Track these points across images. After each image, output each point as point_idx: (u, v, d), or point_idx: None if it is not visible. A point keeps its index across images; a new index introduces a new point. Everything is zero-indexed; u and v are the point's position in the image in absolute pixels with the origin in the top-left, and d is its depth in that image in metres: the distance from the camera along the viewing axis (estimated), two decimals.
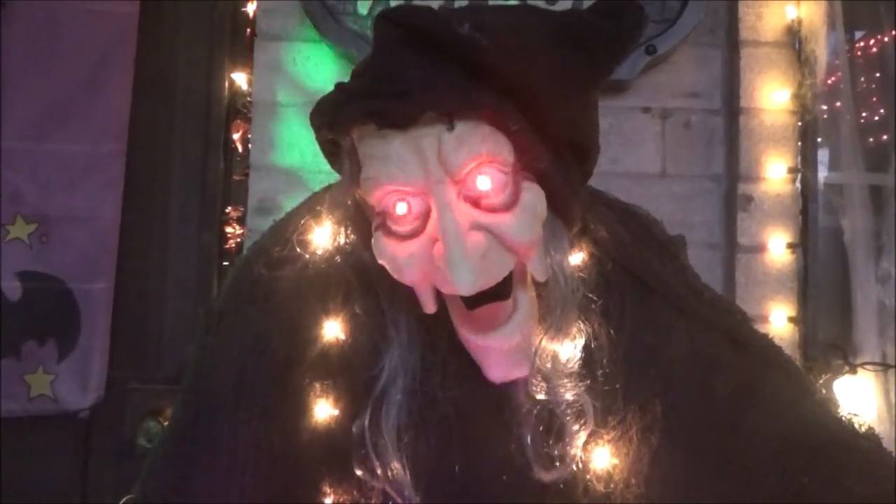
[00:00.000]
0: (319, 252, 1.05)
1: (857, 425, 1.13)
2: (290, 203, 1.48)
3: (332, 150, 0.97)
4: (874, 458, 1.05)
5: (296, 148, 1.97)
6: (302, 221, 1.09)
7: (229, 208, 2.08)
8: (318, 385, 1.01)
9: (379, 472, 0.97)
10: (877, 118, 2.00)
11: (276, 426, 1.01)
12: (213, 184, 2.10)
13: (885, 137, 2.04)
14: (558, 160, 0.93)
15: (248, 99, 2.07)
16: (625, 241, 1.09)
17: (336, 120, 0.90)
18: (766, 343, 1.14)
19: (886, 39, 2.01)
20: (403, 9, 0.87)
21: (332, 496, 1.00)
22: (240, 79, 2.05)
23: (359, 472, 0.97)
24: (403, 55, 0.86)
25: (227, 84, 2.11)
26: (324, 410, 1.00)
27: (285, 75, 2.01)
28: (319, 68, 1.99)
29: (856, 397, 1.84)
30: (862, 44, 2.05)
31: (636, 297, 1.06)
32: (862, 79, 2.08)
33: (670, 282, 1.10)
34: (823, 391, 1.32)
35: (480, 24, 0.84)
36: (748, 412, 1.03)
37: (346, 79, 0.98)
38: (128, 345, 2.07)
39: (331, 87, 1.10)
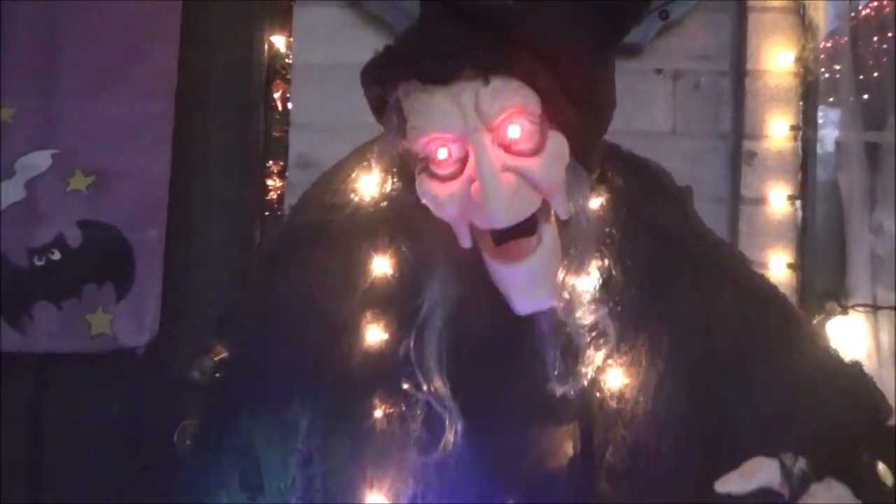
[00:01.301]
0: (367, 198, 1.12)
1: (843, 358, 1.21)
2: (328, 158, 1.56)
3: (379, 105, 1.04)
4: (858, 384, 1.14)
5: (332, 107, 1.99)
6: (350, 171, 1.16)
7: (270, 163, 2.10)
8: (369, 313, 1.08)
9: (424, 386, 1.04)
10: (875, 76, 2.04)
11: (332, 349, 1.09)
12: (254, 140, 2.13)
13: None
14: (580, 113, 0.99)
15: (287, 61, 2.07)
16: (638, 190, 1.14)
17: (386, 77, 0.98)
18: (764, 285, 1.21)
19: (886, 3, 2.04)
20: None
21: (381, 408, 1.06)
22: (279, 42, 2.07)
23: (405, 387, 1.04)
24: (446, 23, 0.94)
25: (266, 47, 2.11)
26: (375, 335, 1.07)
27: (322, 39, 2.04)
28: (354, 32, 2.01)
29: (847, 337, 1.89)
30: (866, 11, 2.08)
31: (647, 240, 1.11)
32: (869, 40, 2.08)
33: (678, 228, 1.16)
34: (816, 329, 1.41)
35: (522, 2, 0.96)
36: (747, 347, 1.10)
37: (390, 43, 1.05)
38: (178, 288, 2.11)
39: (364, 51, 1.19)
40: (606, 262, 1.07)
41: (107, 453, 2.14)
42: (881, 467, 0.99)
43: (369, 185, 1.12)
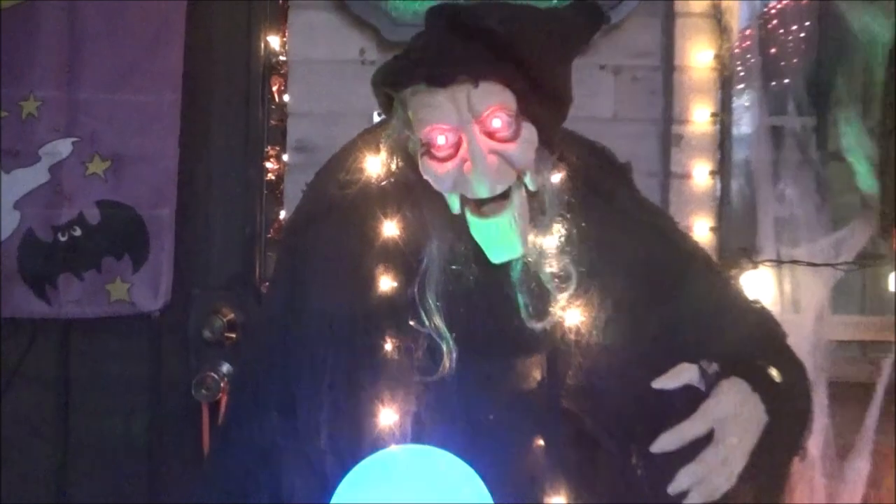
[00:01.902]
0: (375, 176, 1.21)
1: (749, 297, 1.35)
2: (322, 142, 1.68)
3: (385, 102, 1.15)
4: (759, 315, 1.29)
5: (325, 98, 2.07)
6: (359, 153, 1.23)
7: (268, 148, 2.16)
8: (381, 266, 1.18)
9: (426, 323, 1.14)
10: (783, 64, 2.16)
11: (354, 296, 1.18)
12: (254, 128, 2.18)
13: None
14: (546, 108, 1.12)
15: (282, 58, 2.14)
16: (590, 166, 1.24)
17: (398, 81, 1.10)
18: (690, 241, 1.34)
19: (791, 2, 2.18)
20: (448, 6, 1.09)
21: (391, 342, 1.16)
22: (274, 41, 2.14)
23: (411, 323, 1.14)
24: (446, 38, 1.07)
25: (263, 45, 2.17)
26: (386, 283, 1.17)
27: (315, 38, 2.09)
28: (341, 32, 2.06)
29: (757, 286, 2.01)
30: (775, 7, 2.20)
31: (598, 206, 1.21)
32: (776, 33, 2.19)
33: (622, 196, 1.27)
34: (730, 276, 1.57)
35: (500, 18, 1.05)
36: (678, 290, 1.21)
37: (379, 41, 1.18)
38: (188, 258, 2.17)
39: (355, 52, 1.29)
40: (566, 223, 1.17)
41: (129, 407, 2.21)
42: (772, 370, 1.12)
43: (376, 164, 1.21)
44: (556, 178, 1.19)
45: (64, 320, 2.13)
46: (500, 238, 1.12)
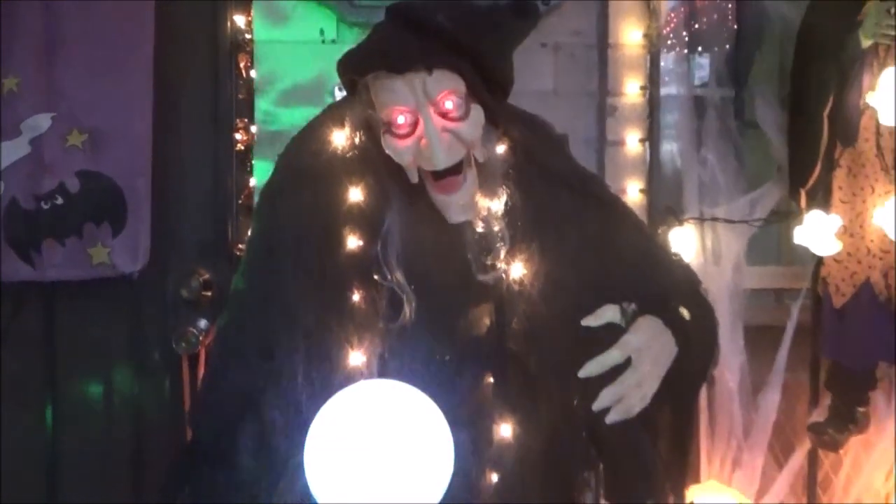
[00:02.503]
0: (340, 148, 1.22)
1: (670, 249, 1.47)
2: (287, 116, 1.71)
3: (350, 84, 1.20)
4: (677, 265, 1.36)
5: (288, 75, 2.11)
6: (326, 128, 1.24)
7: (237, 120, 2.18)
8: (347, 227, 1.20)
9: (388, 276, 1.18)
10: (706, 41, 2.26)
11: (324, 253, 1.21)
12: (223, 101, 2.19)
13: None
14: (490, 91, 1.17)
15: (248, 36, 2.15)
16: (530, 139, 1.27)
17: (361, 67, 1.14)
18: (620, 202, 1.37)
19: None
20: (404, 4, 1.15)
21: (358, 293, 1.20)
22: (240, 20, 2.16)
23: (376, 278, 1.17)
24: (404, 32, 1.12)
25: (229, 25, 2.18)
26: (353, 242, 1.20)
27: (278, 18, 2.12)
28: (304, 13, 2.10)
29: (683, 241, 2.11)
30: None
31: (536, 174, 1.25)
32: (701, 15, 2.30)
33: (558, 164, 1.30)
34: (657, 235, 1.68)
35: (449, 16, 1.12)
36: (608, 246, 1.26)
37: (357, 40, 1.17)
38: (164, 224, 2.19)
39: (315, 32, 1.32)
40: (509, 189, 1.20)
41: (112, 362, 2.25)
42: (683, 310, 1.19)
43: (341, 138, 1.23)
44: (501, 149, 1.23)
45: (49, 283, 2.15)
46: (457, 208, 1.18)
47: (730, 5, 2.22)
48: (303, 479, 1.12)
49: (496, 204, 1.22)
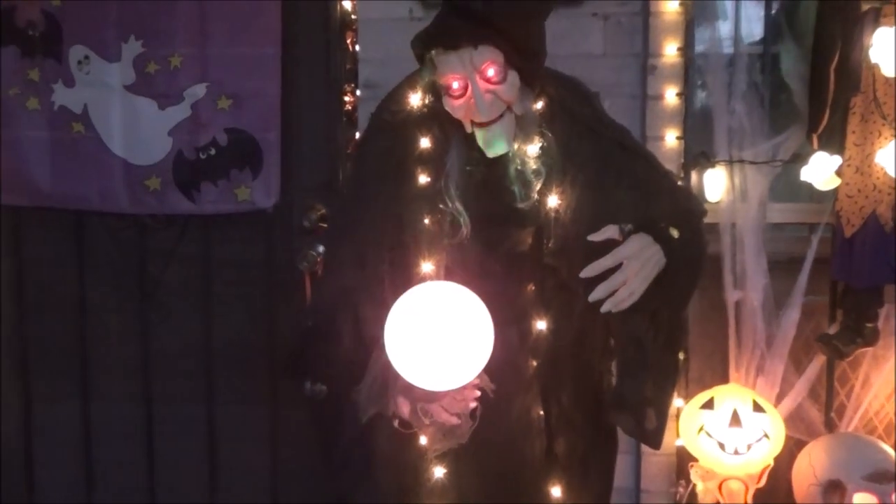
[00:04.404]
0: (415, 106, 1.36)
1: (681, 184, 1.51)
2: (383, 80, 1.75)
3: (420, 56, 1.32)
4: (684, 195, 1.48)
5: (384, 47, 2.16)
6: (404, 91, 1.39)
7: (346, 85, 2.26)
8: (419, 167, 1.34)
9: (450, 204, 1.31)
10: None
11: (402, 184, 1.34)
12: (335, 70, 2.27)
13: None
14: (525, 60, 1.27)
15: (353, 16, 2.22)
16: (564, 95, 1.37)
17: (426, 45, 1.28)
18: (640, 146, 1.50)
19: None
20: None
21: (427, 217, 1.33)
22: (347, 4, 2.23)
23: (440, 206, 1.31)
24: (455, 18, 1.25)
25: (339, 7, 2.25)
26: (423, 178, 1.34)
27: (376, 2, 2.18)
28: None
29: (714, 181, 2.12)
30: None
31: (569, 124, 1.35)
32: None
33: (588, 115, 1.39)
34: (669, 171, 1.62)
35: (488, 4, 1.22)
36: (626, 178, 1.35)
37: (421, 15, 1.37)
38: (290, 168, 2.28)
39: (406, 11, 1.42)
40: (544, 136, 1.32)
41: (251, 276, 2.38)
42: (673, 230, 1.27)
43: (416, 99, 1.37)
44: (538, 105, 1.33)
45: (206, 215, 2.29)
46: (492, 139, 1.29)
47: None
48: (385, 352, 1.27)
49: (532, 147, 1.33)
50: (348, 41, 2.25)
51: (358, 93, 2.23)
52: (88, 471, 2.52)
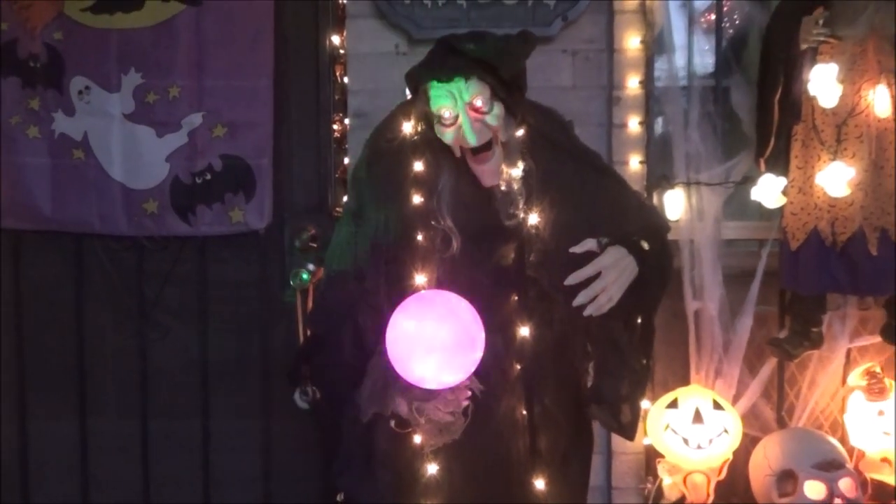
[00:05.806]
0: (408, 134, 1.41)
1: (649, 203, 1.56)
2: (373, 111, 1.84)
3: (413, 88, 1.37)
4: (650, 213, 1.50)
5: (371, 80, 2.20)
6: (397, 120, 1.42)
7: (335, 115, 2.29)
8: (413, 188, 1.38)
9: (441, 222, 1.35)
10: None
11: (398, 205, 1.38)
12: (324, 100, 2.31)
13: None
14: (509, 93, 1.34)
15: (342, 51, 2.24)
16: (543, 123, 1.42)
17: (421, 78, 1.34)
18: (611, 170, 1.55)
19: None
20: (447, 37, 1.35)
21: (421, 234, 1.37)
22: (335, 39, 2.27)
23: (433, 223, 1.35)
24: (448, 55, 1.32)
25: (328, 42, 2.29)
26: (417, 199, 1.38)
27: (364, 37, 2.21)
28: (383, 33, 2.20)
29: (674, 201, 2.18)
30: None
31: (548, 149, 1.41)
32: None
33: (564, 142, 1.44)
34: (637, 191, 1.69)
35: (476, 44, 1.31)
36: (598, 199, 1.41)
37: (418, 58, 1.37)
38: (282, 193, 2.31)
39: (392, 47, 1.47)
40: (526, 160, 1.38)
41: (244, 295, 2.39)
42: (644, 243, 1.33)
43: (408, 127, 1.41)
44: (520, 132, 1.40)
45: (201, 237, 2.30)
46: (488, 173, 1.36)
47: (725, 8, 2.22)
48: (384, 358, 1.31)
49: (516, 171, 1.38)
50: (337, 74, 2.28)
51: (347, 122, 2.25)
52: (84, 486, 2.49)
